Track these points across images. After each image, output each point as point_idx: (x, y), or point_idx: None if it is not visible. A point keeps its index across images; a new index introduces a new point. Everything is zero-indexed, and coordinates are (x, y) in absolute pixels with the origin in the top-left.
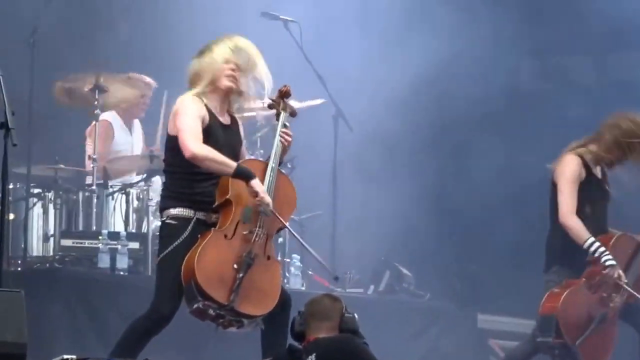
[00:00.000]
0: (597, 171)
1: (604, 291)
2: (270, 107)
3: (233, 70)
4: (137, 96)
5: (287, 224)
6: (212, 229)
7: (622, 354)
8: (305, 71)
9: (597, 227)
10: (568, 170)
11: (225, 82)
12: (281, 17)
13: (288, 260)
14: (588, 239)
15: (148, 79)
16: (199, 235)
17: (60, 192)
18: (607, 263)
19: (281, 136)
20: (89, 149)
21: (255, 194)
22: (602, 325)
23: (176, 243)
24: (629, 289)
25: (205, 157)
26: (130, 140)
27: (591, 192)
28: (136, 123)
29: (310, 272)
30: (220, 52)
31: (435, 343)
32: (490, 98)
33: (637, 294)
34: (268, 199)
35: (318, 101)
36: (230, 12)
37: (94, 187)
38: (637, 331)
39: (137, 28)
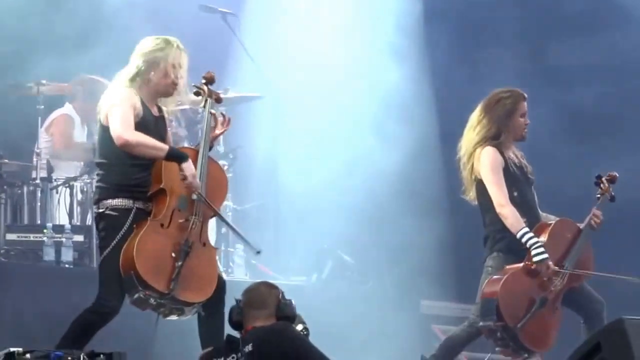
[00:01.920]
0: (512, 155)
1: (544, 275)
2: (196, 94)
3: (177, 77)
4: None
5: (218, 210)
6: (148, 218)
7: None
8: (245, 62)
9: (528, 211)
10: (488, 161)
11: (169, 90)
12: (219, 9)
13: (232, 250)
14: (521, 229)
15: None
16: (134, 226)
17: (5, 187)
18: (536, 259)
19: (216, 121)
20: (43, 143)
21: (184, 177)
22: (543, 309)
23: (119, 235)
24: (563, 270)
25: (138, 142)
26: (84, 138)
27: (515, 176)
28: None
29: (253, 262)
30: (171, 57)
31: (379, 329)
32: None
33: (577, 278)
34: (197, 183)
35: (255, 94)
36: (171, 7)
37: (38, 181)
38: (578, 314)
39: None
